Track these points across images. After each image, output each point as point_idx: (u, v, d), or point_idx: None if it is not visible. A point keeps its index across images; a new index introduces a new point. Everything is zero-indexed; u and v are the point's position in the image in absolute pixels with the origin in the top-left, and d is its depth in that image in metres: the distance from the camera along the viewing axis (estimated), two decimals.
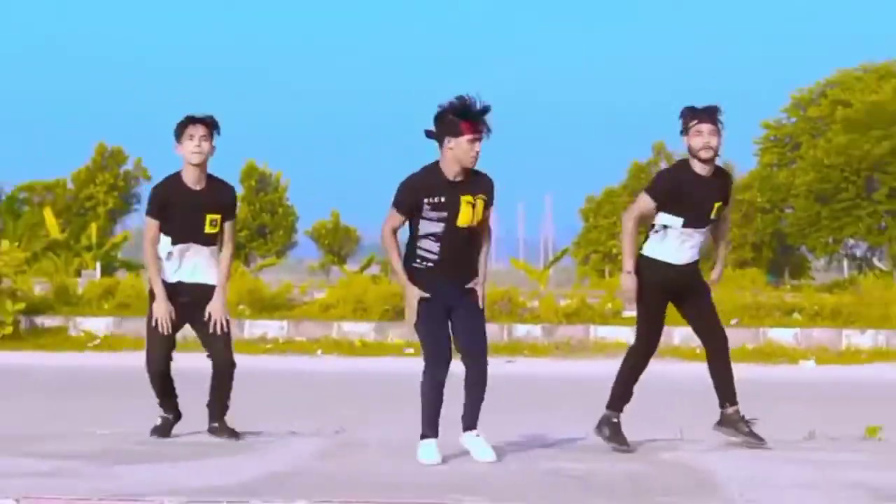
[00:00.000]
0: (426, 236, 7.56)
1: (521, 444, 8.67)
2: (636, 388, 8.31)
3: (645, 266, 8.05)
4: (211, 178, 8.38)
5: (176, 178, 8.34)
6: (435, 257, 7.56)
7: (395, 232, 7.64)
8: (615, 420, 8.14)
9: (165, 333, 8.32)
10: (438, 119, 7.52)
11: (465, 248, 7.63)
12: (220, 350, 8.42)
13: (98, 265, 38.99)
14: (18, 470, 7.16)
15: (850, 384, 20.07)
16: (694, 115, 7.93)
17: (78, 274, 35.99)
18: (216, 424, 8.57)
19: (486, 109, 7.47)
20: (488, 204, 7.65)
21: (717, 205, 8.07)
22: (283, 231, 54.04)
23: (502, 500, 6.44)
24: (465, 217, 7.54)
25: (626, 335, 25.17)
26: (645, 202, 7.96)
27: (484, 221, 7.68)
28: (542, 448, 8.21)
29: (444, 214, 7.51)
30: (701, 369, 9.03)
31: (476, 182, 7.59)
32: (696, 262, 8.16)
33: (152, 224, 8.32)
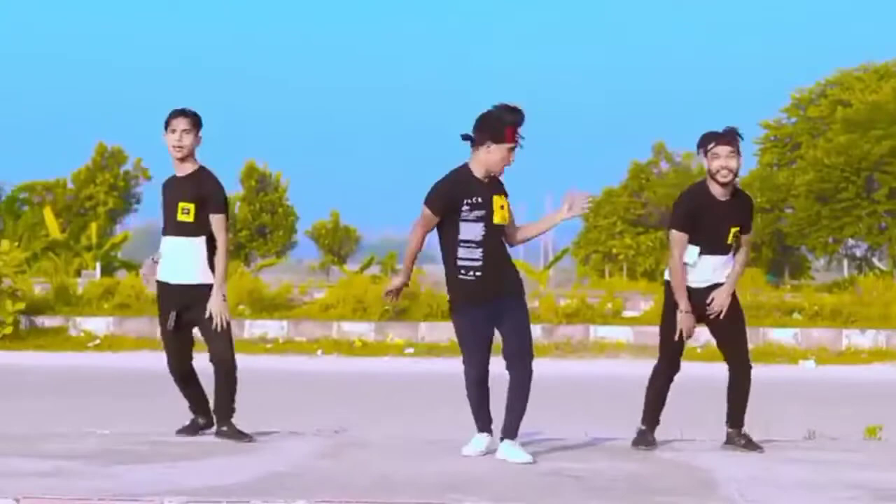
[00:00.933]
0: (464, 243, 7.60)
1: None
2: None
3: (669, 292, 8.13)
4: (197, 170, 8.45)
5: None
6: (479, 264, 7.60)
7: (425, 234, 7.69)
8: (643, 427, 8.25)
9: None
10: (485, 121, 7.59)
11: (503, 252, 7.74)
12: (219, 350, 8.40)
13: (98, 265, 39.05)
14: (18, 470, 7.16)
15: (850, 384, 20.06)
16: (712, 137, 7.99)
17: (78, 274, 36.01)
18: (224, 428, 8.50)
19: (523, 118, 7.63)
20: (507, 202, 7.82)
21: (733, 229, 8.08)
22: (283, 231, 54.04)
23: (502, 500, 6.44)
24: (500, 216, 7.68)
25: (626, 335, 25.22)
26: (678, 238, 8.04)
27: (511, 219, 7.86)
28: (543, 448, 8.20)
29: (483, 213, 7.60)
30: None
31: (496, 183, 7.74)
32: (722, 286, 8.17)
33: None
